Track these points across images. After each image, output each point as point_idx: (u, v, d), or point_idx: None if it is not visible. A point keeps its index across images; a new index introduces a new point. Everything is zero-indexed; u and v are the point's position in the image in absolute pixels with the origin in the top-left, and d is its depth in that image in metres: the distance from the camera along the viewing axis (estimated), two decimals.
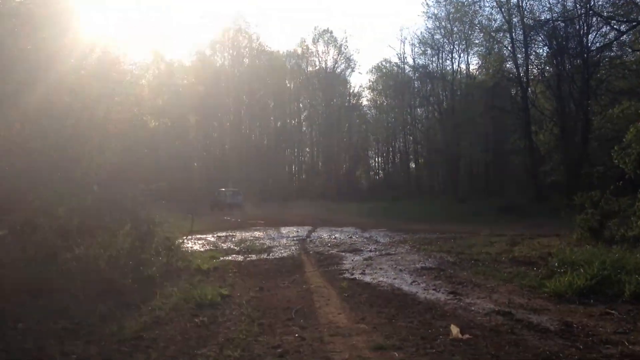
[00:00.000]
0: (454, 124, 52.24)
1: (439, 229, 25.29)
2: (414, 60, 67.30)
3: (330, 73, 78.50)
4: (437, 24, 58.27)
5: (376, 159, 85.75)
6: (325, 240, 21.22)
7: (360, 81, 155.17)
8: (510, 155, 51.72)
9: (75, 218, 9.66)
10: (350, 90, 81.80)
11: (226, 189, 49.90)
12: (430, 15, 61.02)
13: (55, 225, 9.10)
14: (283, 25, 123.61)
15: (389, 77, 73.15)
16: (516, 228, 22.68)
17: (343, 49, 78.19)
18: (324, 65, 79.53)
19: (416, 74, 66.94)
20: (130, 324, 8.03)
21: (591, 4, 39.32)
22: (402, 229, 25.72)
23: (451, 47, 58.81)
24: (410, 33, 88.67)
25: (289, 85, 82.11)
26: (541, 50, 45.49)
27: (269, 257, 16.42)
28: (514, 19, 44.83)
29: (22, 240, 8.63)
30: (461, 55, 59.56)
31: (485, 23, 50.07)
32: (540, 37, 44.14)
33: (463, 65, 62.12)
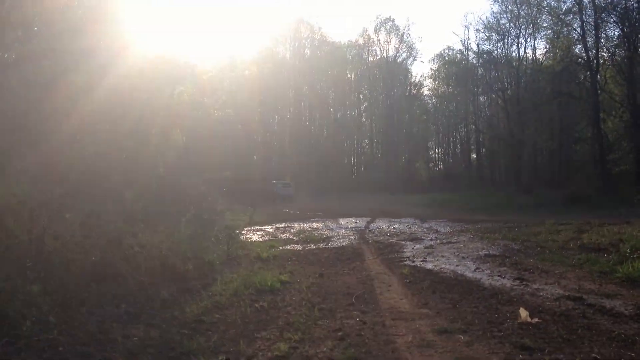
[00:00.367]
0: (519, 112, 50.74)
1: (502, 219, 24.61)
2: (478, 47, 65.80)
3: (392, 62, 77.73)
4: (504, 7, 56.59)
5: (436, 150, 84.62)
6: (384, 230, 20.99)
7: (422, 70, 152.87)
8: (577, 143, 49.91)
9: (140, 203, 9.81)
10: (412, 80, 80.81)
11: (277, 181, 50.63)
12: None
13: (121, 210, 9.26)
14: (345, 15, 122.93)
15: (452, 65, 71.72)
16: (583, 218, 21.80)
17: (405, 37, 77.32)
18: (385, 54, 78.86)
19: (480, 61, 65.50)
20: (191, 308, 8.08)
21: None
22: (463, 220, 25.19)
23: (517, 32, 57.21)
24: (475, 18, 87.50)
25: (349, 76, 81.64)
26: (612, 33, 43.48)
27: (327, 247, 16.34)
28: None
29: (89, 225, 8.81)
30: (527, 40, 57.91)
31: (554, 4, 48.08)
32: (612, 19, 42.11)
33: (529, 51, 60.29)
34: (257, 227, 22.27)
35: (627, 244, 11.80)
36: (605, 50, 43.86)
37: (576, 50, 46.09)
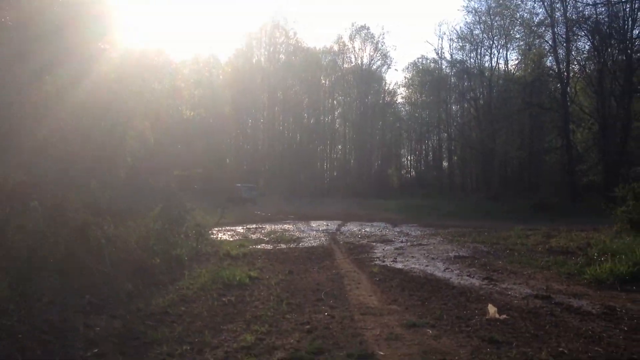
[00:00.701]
0: (490, 121, 51.32)
1: (472, 224, 24.76)
2: (452, 56, 66.42)
3: (366, 70, 77.97)
4: (477, 18, 57.38)
5: (408, 157, 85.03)
6: (355, 233, 20.96)
7: (396, 78, 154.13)
8: (546, 154, 50.57)
9: (106, 193, 9.58)
10: (386, 87, 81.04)
11: (242, 184, 51.29)
12: (470, 10, 59.75)
13: (87, 200, 9.03)
14: (320, 22, 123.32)
15: (426, 74, 72.24)
16: (551, 226, 22.02)
17: (380, 45, 77.51)
18: (360, 62, 79.04)
19: (453, 70, 66.11)
20: (157, 301, 7.94)
21: None
22: (434, 225, 25.29)
23: (490, 43, 58.03)
24: (449, 28, 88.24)
25: (324, 81, 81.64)
26: (583, 45, 44.17)
27: (298, 246, 16.24)
28: (557, 13, 43.72)
29: (53, 216, 8.57)
30: (500, 50, 58.64)
31: (527, 17, 48.80)
32: (583, 32, 42.83)
33: (502, 61, 60.80)
34: (228, 227, 22.08)
35: (595, 247, 11.93)
36: (575, 62, 44.59)
37: (547, 62, 46.87)
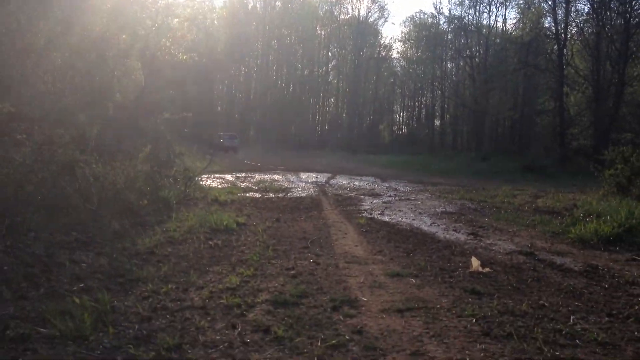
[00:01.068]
0: (485, 79, 51.15)
1: (461, 183, 24.85)
2: (450, 12, 66.33)
3: (363, 22, 76.96)
4: None
5: (401, 114, 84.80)
6: (344, 186, 21.00)
7: (392, 33, 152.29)
8: (538, 116, 50.55)
9: (94, 128, 9.47)
10: (382, 42, 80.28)
11: (224, 133, 51.31)
12: None
13: (75, 134, 8.93)
14: None
15: (423, 28, 71.39)
16: (539, 187, 22.16)
17: None
18: (356, 13, 78.05)
19: (451, 26, 65.48)
20: (144, 241, 7.95)
21: None
22: (423, 181, 25.35)
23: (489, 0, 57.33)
24: None
25: (319, 32, 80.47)
26: (582, 7, 43.80)
27: (286, 196, 16.26)
28: None
29: (41, 151, 8.49)
30: (499, 8, 58.35)
31: None
32: None
33: (500, 20, 60.38)
34: (217, 175, 22.10)
35: (581, 209, 12.04)
36: (574, 24, 44.16)
37: (545, 22, 46.31)
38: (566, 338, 4.52)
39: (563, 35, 42.83)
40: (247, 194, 16.16)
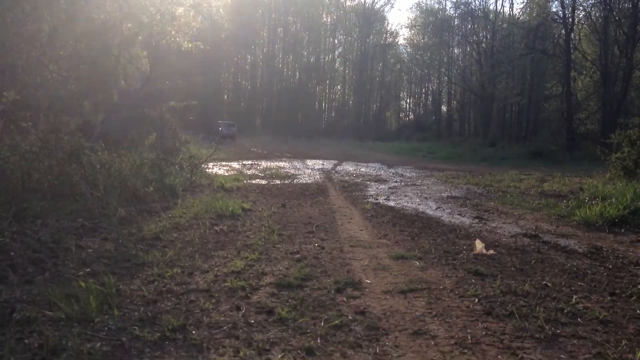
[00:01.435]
0: (492, 65, 50.88)
1: (467, 168, 24.82)
2: None
3: (369, 9, 76.65)
4: None
5: (407, 100, 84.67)
6: (350, 172, 21.01)
7: (399, 19, 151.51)
8: (545, 101, 50.30)
9: (99, 115, 9.51)
10: (388, 28, 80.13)
11: (222, 121, 51.48)
12: None
13: (80, 122, 8.98)
14: None
15: (429, 14, 71.07)
16: (546, 172, 22.08)
17: None
18: (362, 0, 77.65)
19: (457, 12, 65.08)
20: (149, 227, 8.01)
21: None
22: (429, 167, 25.32)
23: None
24: None
25: (325, 19, 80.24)
26: None
27: (292, 183, 16.30)
28: None
29: (47, 139, 8.54)
30: None
31: None
32: None
33: (507, 4, 59.91)
34: (223, 163, 22.14)
35: (587, 192, 12.00)
36: (581, 8, 43.82)
37: (553, 7, 46.03)
38: (568, 316, 4.55)
39: (570, 19, 42.51)
40: (253, 181, 16.21)
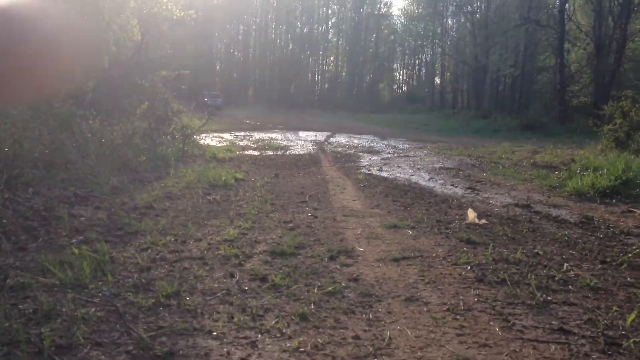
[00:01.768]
0: (486, 36, 50.62)
1: (460, 140, 24.82)
2: None
3: None
4: None
5: (400, 72, 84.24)
6: (343, 144, 21.00)
7: None
8: (539, 73, 50.16)
9: (91, 81, 9.41)
10: None
11: (208, 92, 51.06)
12: None
13: (71, 88, 8.87)
14: None
15: None
16: (538, 144, 22.12)
17: None
18: None
19: None
20: (142, 196, 7.99)
21: None
22: (422, 139, 25.31)
23: None
24: None
25: None
26: None
27: (285, 154, 16.28)
28: None
29: (38, 107, 8.45)
30: None
31: None
32: None
33: None
34: (216, 134, 22.10)
35: (579, 163, 12.04)
36: None
37: None
38: (559, 284, 4.59)
39: None
40: (246, 152, 16.19)
